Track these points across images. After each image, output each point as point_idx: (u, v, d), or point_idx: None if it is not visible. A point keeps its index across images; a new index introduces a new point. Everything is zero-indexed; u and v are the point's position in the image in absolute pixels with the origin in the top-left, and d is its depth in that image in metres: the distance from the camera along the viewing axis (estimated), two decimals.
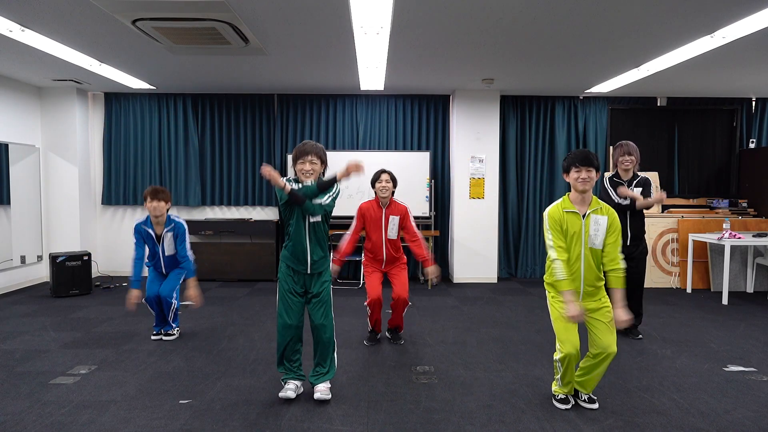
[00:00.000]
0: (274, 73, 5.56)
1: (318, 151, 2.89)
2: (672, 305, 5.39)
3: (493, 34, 4.16)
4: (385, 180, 3.90)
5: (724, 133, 7.04)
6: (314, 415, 2.81)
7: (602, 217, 2.77)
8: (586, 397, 2.93)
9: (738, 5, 3.47)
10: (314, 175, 2.89)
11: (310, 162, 2.86)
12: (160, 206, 3.95)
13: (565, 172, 2.84)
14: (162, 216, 4.00)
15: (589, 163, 2.73)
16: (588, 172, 2.73)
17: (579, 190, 2.77)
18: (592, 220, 2.76)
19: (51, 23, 3.91)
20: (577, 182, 2.76)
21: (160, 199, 3.95)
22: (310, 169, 2.86)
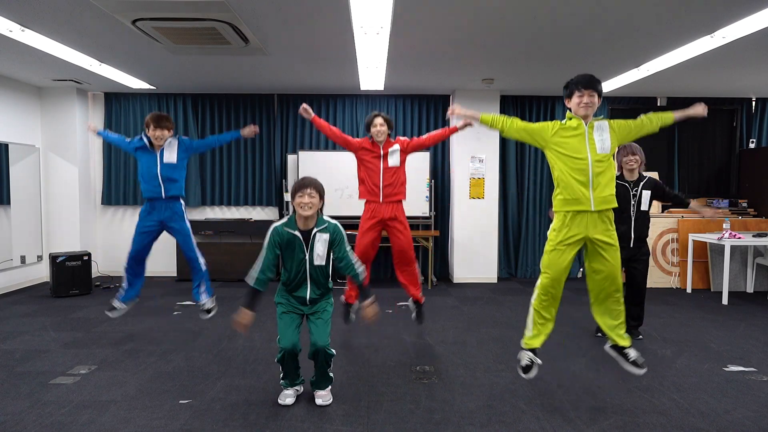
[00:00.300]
0: (274, 73, 5.56)
1: (317, 185, 2.86)
2: (672, 305, 5.39)
3: (493, 34, 4.16)
4: (380, 124, 3.93)
5: (724, 133, 7.04)
6: (314, 415, 2.81)
7: (603, 122, 2.77)
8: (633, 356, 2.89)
9: (738, 5, 3.47)
10: (313, 209, 2.83)
11: (309, 195, 2.81)
12: (164, 134, 3.84)
13: (567, 98, 2.79)
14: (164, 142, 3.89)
15: (592, 86, 2.68)
16: (590, 96, 2.69)
17: (580, 115, 2.73)
18: (595, 125, 2.74)
19: (51, 23, 3.91)
20: (578, 107, 2.71)
21: (164, 128, 3.83)
22: (308, 202, 2.81)
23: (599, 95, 2.72)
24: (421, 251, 6.81)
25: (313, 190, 2.83)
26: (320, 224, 2.90)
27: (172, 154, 3.90)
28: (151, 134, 3.84)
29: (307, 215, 2.83)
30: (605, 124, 2.79)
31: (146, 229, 4.01)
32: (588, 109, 2.70)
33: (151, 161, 3.89)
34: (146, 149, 3.93)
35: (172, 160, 3.90)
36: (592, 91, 2.69)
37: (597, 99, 2.71)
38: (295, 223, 2.89)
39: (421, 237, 6.33)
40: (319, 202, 2.87)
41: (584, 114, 2.72)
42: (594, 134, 2.74)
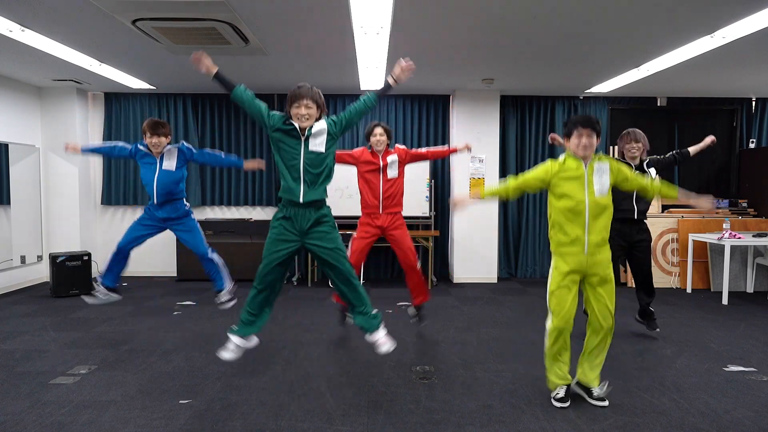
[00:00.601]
0: (274, 73, 5.56)
1: (314, 94, 2.76)
2: (672, 305, 5.39)
3: (493, 34, 4.16)
4: (379, 134, 3.98)
5: (724, 133, 7.03)
6: (314, 415, 2.82)
7: (604, 163, 2.76)
8: (596, 393, 2.91)
9: (738, 5, 3.47)
10: (310, 120, 2.74)
11: (306, 106, 2.72)
12: (161, 141, 3.83)
13: (566, 137, 2.79)
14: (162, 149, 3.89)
15: (591, 127, 2.68)
16: (589, 136, 2.69)
17: (580, 156, 2.73)
18: (595, 167, 2.74)
19: (51, 23, 3.91)
20: (578, 148, 2.71)
21: (160, 135, 3.82)
22: (305, 113, 2.72)
23: (598, 135, 2.74)
24: (421, 251, 6.81)
25: (310, 101, 2.74)
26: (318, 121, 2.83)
27: (172, 162, 3.91)
28: (148, 141, 3.85)
29: (305, 126, 2.77)
30: (606, 167, 2.78)
31: (145, 222, 4.01)
32: (587, 150, 2.71)
33: (150, 168, 3.91)
34: (146, 156, 3.93)
35: (171, 167, 3.91)
36: (590, 131, 2.70)
37: (596, 139, 2.72)
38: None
39: (421, 237, 6.33)
40: (316, 112, 2.77)
41: (583, 155, 2.72)
42: (594, 176, 2.74)
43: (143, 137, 3.89)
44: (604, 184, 2.75)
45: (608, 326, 2.81)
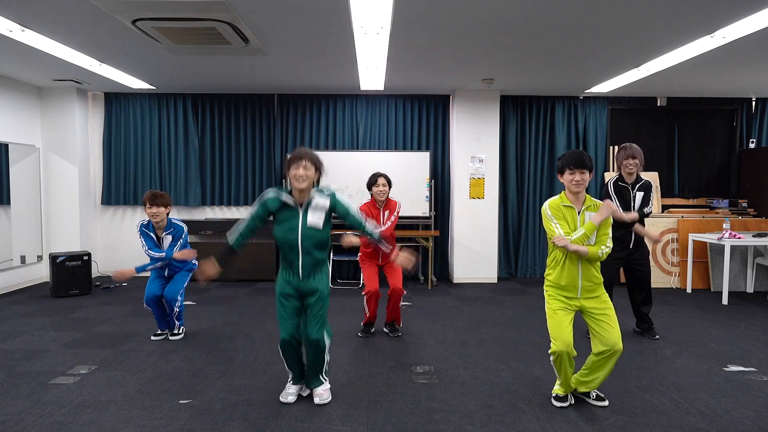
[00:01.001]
0: (274, 73, 5.56)
1: (313, 157, 2.79)
2: (672, 305, 5.39)
3: (493, 34, 4.16)
4: (382, 184, 4.10)
5: (724, 133, 7.04)
6: (314, 415, 2.81)
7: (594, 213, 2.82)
8: (594, 395, 2.95)
9: (738, 5, 3.47)
10: (308, 181, 2.76)
11: (304, 168, 2.74)
12: (159, 212, 3.94)
13: (559, 173, 2.88)
14: (162, 221, 4.01)
15: (582, 165, 2.77)
16: (581, 174, 2.77)
17: (573, 192, 2.82)
18: (587, 217, 2.81)
19: (51, 23, 3.91)
20: (571, 184, 2.81)
21: (159, 205, 3.93)
22: (303, 175, 2.73)
23: (590, 171, 2.80)
24: (421, 251, 6.81)
25: (308, 162, 2.76)
26: (319, 192, 2.85)
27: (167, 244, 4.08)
28: (148, 212, 3.94)
29: (302, 187, 2.76)
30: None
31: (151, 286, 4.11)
32: (580, 187, 2.78)
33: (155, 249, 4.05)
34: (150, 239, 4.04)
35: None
36: (582, 169, 2.76)
37: (588, 176, 2.79)
38: (291, 193, 2.83)
39: (421, 237, 6.33)
40: (314, 174, 2.80)
41: (576, 191, 2.80)
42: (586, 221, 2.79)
43: (144, 207, 3.98)
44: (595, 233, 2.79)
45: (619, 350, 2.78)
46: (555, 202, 2.87)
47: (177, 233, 4.07)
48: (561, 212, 2.83)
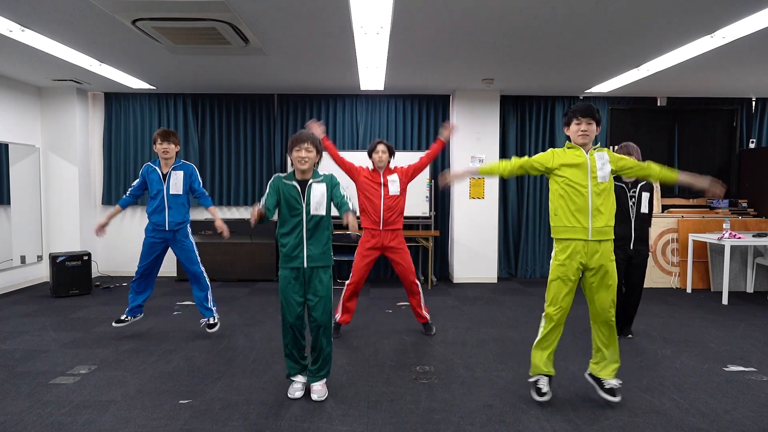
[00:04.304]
0: (274, 73, 5.56)
1: (314, 139, 2.95)
2: (672, 305, 5.39)
3: (493, 34, 4.16)
4: (381, 151, 4.08)
5: (724, 133, 7.04)
6: (314, 415, 2.82)
7: (603, 153, 2.81)
8: (608, 385, 2.90)
9: (738, 5, 3.47)
10: (309, 162, 2.92)
11: (306, 150, 2.91)
12: (170, 148, 4.03)
13: (566, 126, 2.86)
14: (171, 158, 4.07)
15: (590, 115, 2.74)
16: (588, 124, 2.75)
17: (579, 143, 2.79)
18: (596, 156, 2.79)
19: (51, 23, 3.91)
20: (577, 135, 2.77)
21: (170, 141, 4.03)
22: (305, 156, 2.91)
23: (597, 124, 2.78)
24: (421, 251, 6.81)
25: (310, 145, 2.92)
26: (316, 176, 3.00)
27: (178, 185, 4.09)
28: (158, 147, 4.00)
29: (305, 168, 2.94)
30: (605, 155, 2.83)
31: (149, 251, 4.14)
32: (586, 138, 2.77)
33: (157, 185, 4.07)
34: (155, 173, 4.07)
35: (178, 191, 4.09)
36: (590, 119, 2.75)
37: (595, 127, 2.77)
38: (294, 175, 2.98)
39: (421, 237, 6.33)
40: (315, 156, 2.96)
41: (583, 142, 2.78)
42: (596, 163, 2.78)
43: (153, 144, 4.06)
44: (605, 170, 2.78)
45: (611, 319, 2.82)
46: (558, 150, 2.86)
47: (188, 169, 4.12)
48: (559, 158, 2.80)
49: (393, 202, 4.06)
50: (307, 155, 2.91)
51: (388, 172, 4.13)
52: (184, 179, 4.08)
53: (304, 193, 2.94)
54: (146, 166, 4.12)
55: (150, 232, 4.10)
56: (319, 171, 3.03)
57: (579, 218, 2.75)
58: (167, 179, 4.05)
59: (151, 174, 4.07)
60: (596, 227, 2.75)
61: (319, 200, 2.94)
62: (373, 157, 4.09)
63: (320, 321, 2.98)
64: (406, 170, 4.16)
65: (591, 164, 2.77)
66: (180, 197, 4.09)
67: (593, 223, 2.74)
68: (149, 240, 4.09)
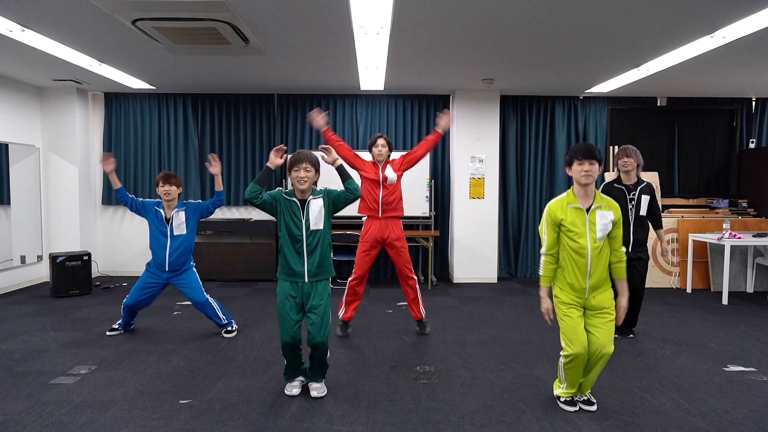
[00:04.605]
0: (274, 73, 5.56)
1: (312, 158, 2.97)
2: (672, 305, 5.39)
3: (493, 34, 4.16)
4: (381, 145, 4.15)
5: (724, 133, 7.04)
6: (314, 415, 2.82)
7: (608, 212, 2.76)
8: (584, 398, 2.92)
9: (738, 5, 3.47)
10: (308, 182, 2.95)
11: (305, 169, 2.93)
12: (172, 190, 4.07)
13: (567, 166, 2.82)
14: (173, 200, 4.11)
15: (591, 156, 2.71)
16: (591, 165, 2.71)
17: (582, 184, 2.75)
18: (598, 215, 2.74)
19: (51, 23, 3.91)
20: (580, 176, 2.74)
21: (172, 184, 4.08)
22: (304, 176, 2.93)
23: (599, 163, 2.75)
24: (421, 251, 6.81)
25: (309, 164, 2.95)
26: (315, 194, 3.02)
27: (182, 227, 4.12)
28: (160, 190, 4.06)
29: (304, 188, 2.96)
30: (611, 215, 2.75)
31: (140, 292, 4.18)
32: (590, 178, 2.73)
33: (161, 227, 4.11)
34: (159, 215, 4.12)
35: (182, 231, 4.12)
36: (592, 159, 2.72)
37: (597, 167, 2.74)
38: (294, 193, 3.02)
39: (421, 237, 6.33)
40: (314, 175, 2.99)
41: (586, 182, 2.74)
42: (596, 224, 2.73)
43: (156, 187, 4.10)
44: (606, 231, 2.74)
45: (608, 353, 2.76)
46: (559, 204, 2.80)
47: (187, 206, 4.16)
48: (566, 216, 2.76)
49: (390, 191, 4.14)
50: (306, 175, 2.93)
51: (387, 164, 4.20)
52: (187, 217, 4.13)
53: (303, 209, 2.96)
54: (154, 206, 4.13)
55: (151, 268, 4.15)
56: (317, 189, 3.05)
57: (579, 278, 2.75)
58: (170, 222, 4.09)
59: (157, 215, 4.10)
60: (592, 284, 2.75)
61: (317, 215, 2.97)
62: (373, 151, 4.15)
63: (319, 339, 2.95)
64: (399, 161, 4.22)
65: (590, 227, 2.73)
66: (184, 238, 4.11)
67: (590, 282, 2.75)
68: (149, 278, 4.14)
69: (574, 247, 2.74)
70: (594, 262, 2.74)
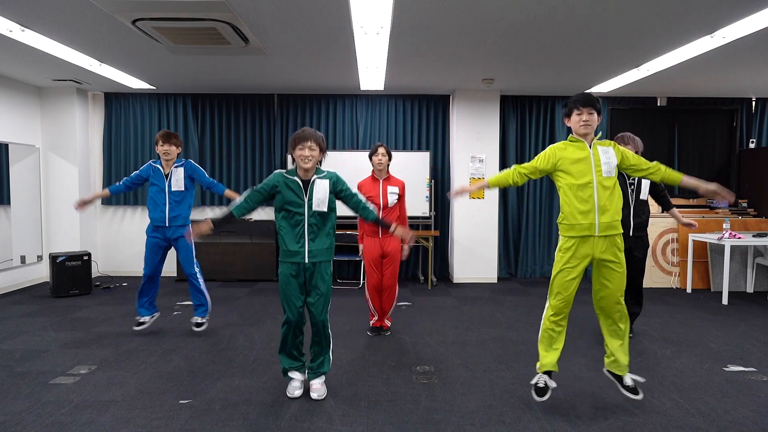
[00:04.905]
0: (274, 73, 5.56)
1: (317, 137, 2.89)
2: (672, 305, 5.39)
3: (493, 34, 4.16)
4: (381, 154, 4.15)
5: (724, 133, 7.04)
6: (314, 415, 2.82)
7: (608, 147, 2.76)
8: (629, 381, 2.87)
9: (738, 5, 3.47)
10: (313, 161, 2.87)
11: (309, 148, 2.85)
12: (171, 150, 4.09)
13: (566, 117, 2.81)
14: (172, 159, 4.13)
15: (590, 105, 2.71)
16: (590, 114, 2.71)
17: (581, 134, 2.75)
18: (600, 150, 2.73)
19: (51, 23, 3.91)
20: (578, 125, 2.73)
21: (172, 143, 4.08)
22: (309, 155, 2.85)
23: (598, 113, 2.74)
24: (421, 251, 6.81)
25: (314, 143, 2.87)
26: (319, 173, 2.96)
27: (180, 182, 4.13)
28: (160, 149, 4.06)
29: (308, 167, 2.88)
30: (610, 149, 2.77)
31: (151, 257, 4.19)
32: (588, 128, 2.72)
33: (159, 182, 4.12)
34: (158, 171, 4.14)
35: (180, 187, 4.13)
36: (591, 108, 2.71)
37: (596, 117, 2.73)
38: (296, 172, 2.94)
39: (421, 237, 6.33)
40: (319, 154, 2.91)
41: (584, 132, 2.73)
42: (600, 157, 2.72)
43: (155, 146, 4.12)
44: (611, 164, 2.73)
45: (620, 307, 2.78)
46: (560, 144, 2.81)
47: (189, 165, 4.18)
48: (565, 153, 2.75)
49: (389, 212, 4.15)
50: (311, 154, 2.85)
51: (388, 181, 4.19)
52: (184, 175, 4.14)
53: (306, 189, 2.90)
54: (149, 164, 4.17)
55: (151, 232, 4.13)
56: (321, 169, 2.99)
57: (585, 214, 2.70)
58: (169, 178, 4.11)
59: (154, 171, 4.13)
60: (603, 222, 2.69)
61: (322, 197, 2.90)
62: (374, 160, 4.15)
63: (320, 318, 2.98)
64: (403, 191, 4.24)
65: (594, 157, 2.72)
66: (182, 194, 4.12)
67: (600, 219, 2.69)
68: (152, 241, 4.13)
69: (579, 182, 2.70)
70: (601, 194, 2.68)
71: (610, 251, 2.74)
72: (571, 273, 2.76)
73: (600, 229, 2.71)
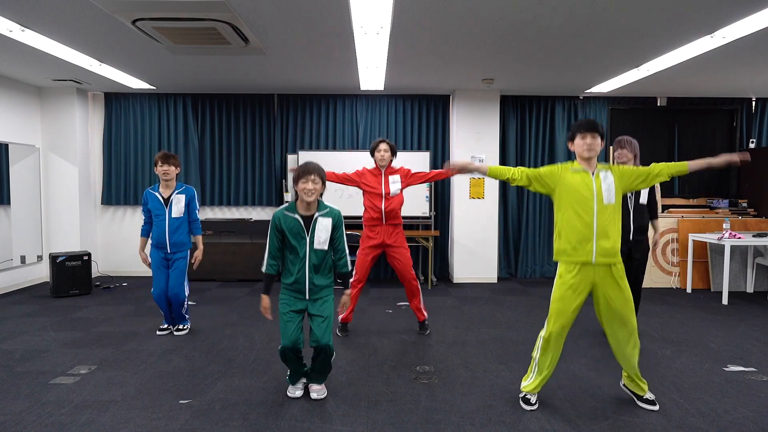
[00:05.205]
0: (274, 73, 5.56)
1: (320, 171, 2.92)
2: (672, 305, 5.39)
3: (493, 34, 4.16)
4: (384, 149, 4.14)
5: (724, 133, 7.04)
6: (314, 415, 2.82)
7: (607, 172, 2.78)
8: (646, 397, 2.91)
9: (738, 5, 3.47)
10: (315, 194, 2.89)
11: (312, 181, 2.86)
12: (170, 170, 4.11)
13: (570, 141, 2.85)
14: (172, 180, 4.14)
15: (593, 129, 2.74)
16: (593, 138, 2.73)
17: (585, 158, 2.77)
18: (602, 176, 2.76)
19: (51, 23, 3.91)
20: (582, 149, 2.76)
21: (170, 164, 4.12)
22: (312, 189, 2.87)
23: (602, 137, 2.77)
24: (421, 251, 6.81)
25: (317, 177, 2.89)
26: (322, 209, 2.96)
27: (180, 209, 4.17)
28: (159, 170, 4.09)
29: (310, 201, 2.90)
30: (609, 175, 2.78)
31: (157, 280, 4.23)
32: (592, 152, 2.75)
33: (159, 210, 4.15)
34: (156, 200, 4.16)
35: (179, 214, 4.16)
36: (594, 133, 2.74)
37: (600, 141, 2.76)
38: (296, 208, 2.94)
39: (421, 237, 6.33)
40: (321, 188, 2.93)
41: (588, 156, 2.76)
42: (602, 185, 2.75)
43: (155, 167, 4.14)
44: (611, 191, 2.75)
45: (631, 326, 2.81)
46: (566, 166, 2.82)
47: (189, 193, 4.21)
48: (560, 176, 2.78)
49: (392, 201, 4.13)
50: (314, 187, 2.87)
51: (390, 171, 4.17)
52: (185, 202, 4.17)
53: (308, 226, 2.91)
54: (146, 193, 4.19)
55: (154, 251, 4.19)
56: (325, 203, 2.99)
57: (583, 242, 2.72)
58: (169, 204, 4.12)
59: (151, 200, 4.14)
60: (601, 248, 2.70)
61: (324, 238, 2.92)
62: (375, 156, 4.15)
63: (323, 342, 2.93)
64: (407, 172, 4.21)
65: (597, 188, 2.74)
66: (181, 219, 4.16)
67: (598, 245, 2.70)
68: (157, 257, 4.18)
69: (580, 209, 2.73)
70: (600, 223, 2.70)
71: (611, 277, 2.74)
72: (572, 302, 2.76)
73: (597, 256, 2.72)
